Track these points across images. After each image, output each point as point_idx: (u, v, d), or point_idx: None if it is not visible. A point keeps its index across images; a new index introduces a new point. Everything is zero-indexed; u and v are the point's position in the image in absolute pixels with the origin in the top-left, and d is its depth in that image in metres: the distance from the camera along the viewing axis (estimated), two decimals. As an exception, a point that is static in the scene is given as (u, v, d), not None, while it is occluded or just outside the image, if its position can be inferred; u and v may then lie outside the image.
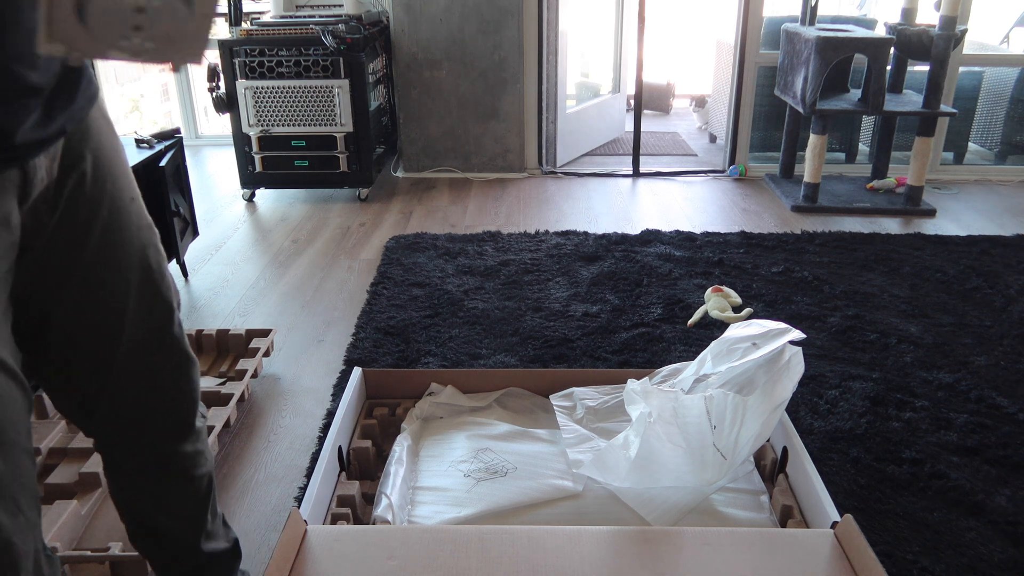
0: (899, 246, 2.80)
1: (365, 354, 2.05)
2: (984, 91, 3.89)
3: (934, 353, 2.05)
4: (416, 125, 3.67)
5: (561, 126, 3.83)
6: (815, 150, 3.19)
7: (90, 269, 0.84)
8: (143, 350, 0.91)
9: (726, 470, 1.30)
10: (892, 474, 1.57)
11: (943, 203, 3.36)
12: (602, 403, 1.58)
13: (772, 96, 3.68)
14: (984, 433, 1.70)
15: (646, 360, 2.01)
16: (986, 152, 4.05)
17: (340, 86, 3.14)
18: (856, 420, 1.74)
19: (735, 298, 2.32)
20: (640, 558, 1.06)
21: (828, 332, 2.17)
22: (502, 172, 3.75)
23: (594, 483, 1.36)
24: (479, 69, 3.55)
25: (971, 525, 1.44)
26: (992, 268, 2.60)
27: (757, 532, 1.12)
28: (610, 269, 2.58)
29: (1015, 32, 5.16)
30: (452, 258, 2.68)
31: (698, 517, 1.30)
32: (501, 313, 2.28)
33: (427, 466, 1.43)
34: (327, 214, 3.24)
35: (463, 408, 1.62)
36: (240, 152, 3.28)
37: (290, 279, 2.60)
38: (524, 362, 2.01)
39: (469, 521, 1.27)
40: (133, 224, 0.89)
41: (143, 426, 0.96)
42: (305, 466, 1.65)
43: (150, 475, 1.00)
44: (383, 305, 2.33)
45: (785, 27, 3.41)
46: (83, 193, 0.82)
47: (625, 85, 4.55)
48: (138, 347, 0.91)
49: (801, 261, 2.66)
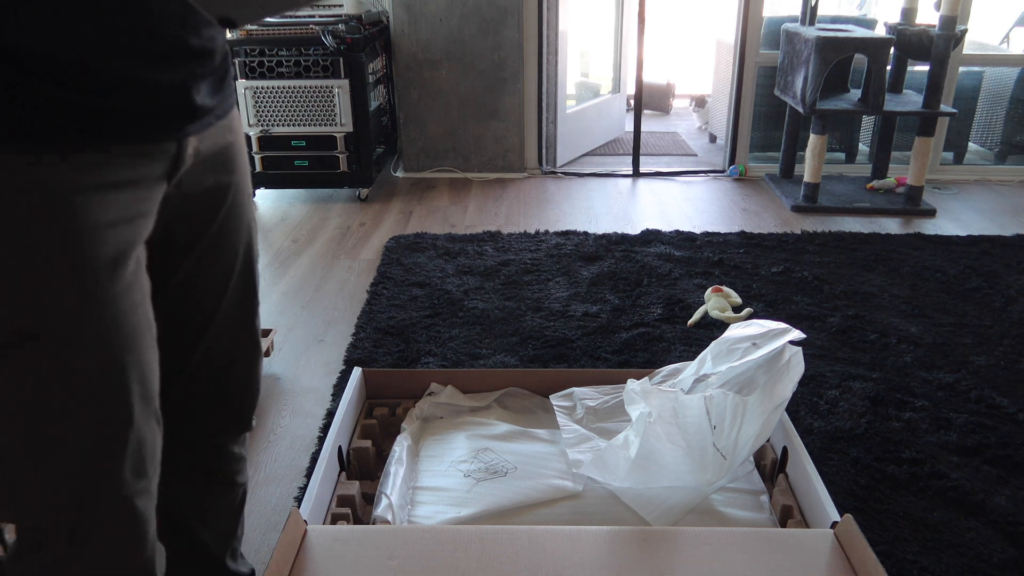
0: (899, 246, 2.80)
1: (365, 354, 2.05)
2: (984, 91, 3.89)
3: (934, 353, 2.05)
4: (416, 125, 3.66)
5: (561, 126, 3.83)
6: (815, 150, 3.19)
7: (208, 250, 0.87)
8: (229, 334, 0.93)
9: (726, 470, 1.30)
10: (892, 474, 1.57)
11: (943, 203, 3.36)
12: (602, 403, 1.58)
13: (772, 96, 3.68)
14: (984, 433, 1.70)
15: (646, 360, 2.01)
16: (986, 152, 4.06)
17: (340, 86, 3.14)
18: (856, 420, 1.74)
19: (735, 298, 2.32)
20: (640, 558, 1.06)
21: (828, 332, 2.17)
22: (502, 172, 3.75)
23: (594, 483, 1.36)
24: (479, 69, 3.55)
25: (971, 525, 1.44)
26: (992, 268, 2.60)
27: (757, 532, 1.12)
28: (610, 269, 2.58)
29: (1015, 32, 5.16)
30: (452, 258, 2.68)
31: (698, 517, 1.30)
32: (501, 313, 2.28)
33: (427, 466, 1.43)
34: (327, 214, 3.24)
35: (463, 408, 1.62)
36: (240, 152, 3.28)
37: (290, 279, 2.60)
38: (524, 362, 2.01)
39: (469, 521, 1.27)
40: (247, 215, 0.93)
41: (208, 414, 0.97)
42: (305, 466, 1.65)
43: (200, 474, 1.01)
44: (383, 305, 2.33)
45: (785, 27, 3.41)
46: (221, 177, 0.86)
47: (625, 85, 4.55)
48: (225, 330, 0.93)
49: (801, 261, 2.66)
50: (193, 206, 0.84)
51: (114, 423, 0.72)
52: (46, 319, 0.67)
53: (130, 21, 0.68)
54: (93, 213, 0.68)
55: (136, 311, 0.73)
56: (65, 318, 0.68)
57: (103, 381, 0.71)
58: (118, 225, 0.71)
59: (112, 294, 0.70)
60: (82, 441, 0.70)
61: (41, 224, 0.66)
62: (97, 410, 0.70)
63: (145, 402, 0.74)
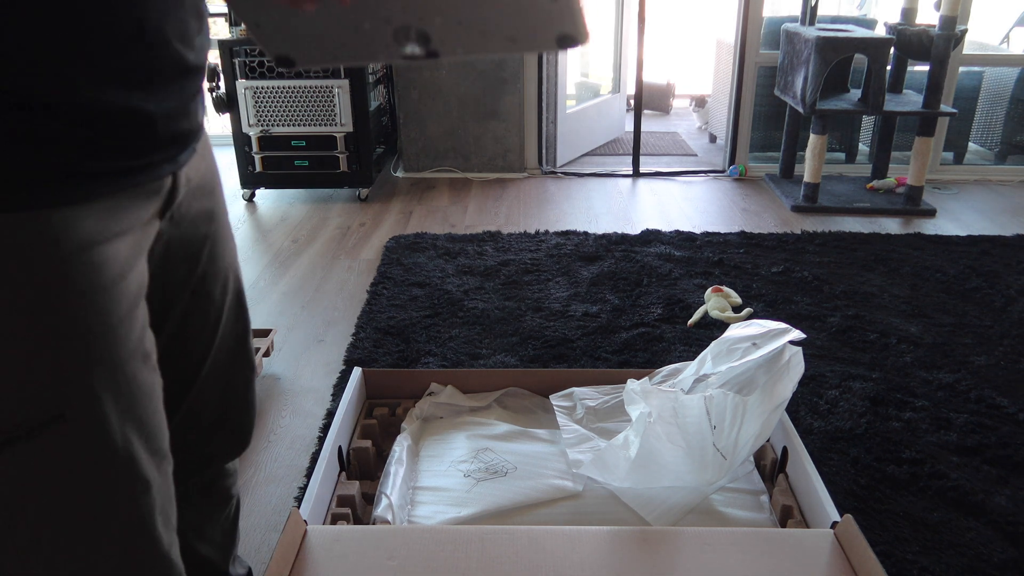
0: (899, 246, 2.80)
1: (365, 354, 2.05)
2: (984, 91, 3.89)
3: (934, 353, 2.05)
4: (416, 125, 3.66)
5: (561, 126, 3.83)
6: (815, 150, 3.19)
7: (200, 282, 0.82)
8: (226, 360, 0.90)
9: (726, 470, 1.30)
10: (892, 474, 1.57)
11: (943, 203, 3.36)
12: (602, 403, 1.58)
13: (772, 96, 3.68)
14: (984, 433, 1.70)
15: (646, 360, 2.01)
16: (986, 152, 4.06)
17: (340, 86, 3.14)
18: (856, 420, 1.74)
19: (735, 298, 2.32)
20: (640, 558, 1.06)
21: (828, 332, 2.17)
22: (502, 172, 3.75)
23: (594, 483, 1.36)
24: (479, 69, 3.55)
25: (971, 525, 1.44)
26: (992, 268, 2.60)
27: (757, 532, 1.12)
28: (610, 269, 2.58)
29: (1015, 32, 5.16)
30: (452, 258, 2.68)
31: (698, 517, 1.30)
32: (501, 313, 2.27)
33: (427, 466, 1.43)
34: (327, 214, 3.24)
35: (463, 408, 1.62)
36: (240, 152, 3.28)
37: (290, 279, 2.60)
38: (524, 362, 2.01)
39: (469, 521, 1.27)
40: (229, 236, 0.88)
41: (208, 441, 0.93)
42: (305, 466, 1.65)
43: (197, 494, 0.98)
44: (383, 305, 2.33)
45: (785, 27, 3.41)
46: (206, 203, 0.80)
47: (625, 85, 4.55)
48: (224, 357, 0.89)
49: (801, 261, 2.66)
50: (183, 239, 0.78)
51: (142, 483, 0.68)
52: (70, 395, 0.61)
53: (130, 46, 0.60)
54: (106, 269, 0.62)
55: (147, 363, 0.69)
56: (90, 390, 0.62)
57: (129, 446, 0.66)
58: (128, 275, 0.65)
59: (128, 352, 0.65)
60: (118, 512, 0.66)
61: (54, 292, 0.59)
62: (128, 477, 0.66)
63: (162, 454, 0.71)
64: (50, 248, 0.58)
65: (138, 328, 0.67)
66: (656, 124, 5.01)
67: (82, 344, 0.61)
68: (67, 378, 0.61)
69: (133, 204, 0.65)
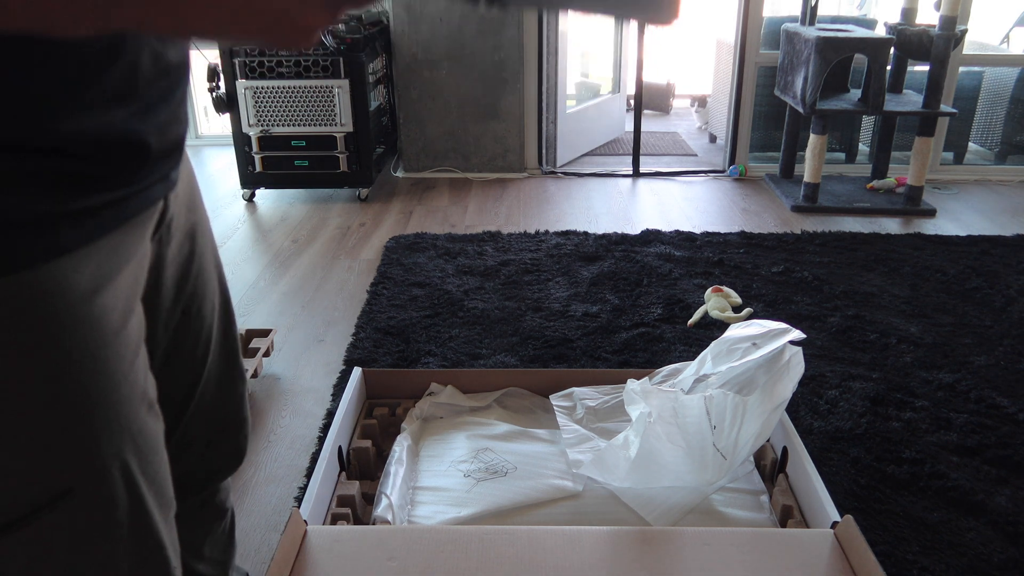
0: (899, 246, 2.80)
1: (365, 354, 2.05)
2: (984, 91, 3.89)
3: (934, 353, 2.05)
4: (416, 125, 3.67)
5: (561, 126, 3.83)
6: (815, 150, 3.19)
7: (190, 300, 0.77)
8: (218, 378, 0.86)
9: (726, 470, 1.30)
10: (892, 474, 1.57)
11: (943, 203, 3.36)
12: (602, 403, 1.58)
13: (772, 96, 3.68)
14: (984, 433, 1.70)
15: (646, 360, 2.01)
16: (986, 152, 4.05)
17: (340, 86, 3.14)
18: (856, 420, 1.74)
19: (735, 298, 2.32)
20: (640, 558, 1.06)
21: (828, 332, 2.17)
22: (502, 172, 3.75)
23: (594, 483, 1.36)
24: (479, 69, 3.55)
25: (971, 525, 1.44)
26: (992, 268, 2.60)
27: (757, 532, 1.12)
28: (610, 269, 2.58)
29: (1015, 32, 5.16)
30: (452, 258, 2.68)
31: (698, 517, 1.30)
32: (501, 313, 2.27)
33: (427, 466, 1.43)
34: (327, 214, 3.24)
35: (463, 408, 1.62)
36: (240, 152, 3.28)
37: (290, 279, 2.60)
38: (524, 362, 2.01)
39: (469, 521, 1.27)
40: (214, 247, 0.83)
41: (205, 460, 0.90)
42: (305, 466, 1.65)
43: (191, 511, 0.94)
44: (383, 305, 2.33)
45: (785, 27, 3.41)
46: (191, 216, 0.76)
47: (625, 85, 4.55)
48: (216, 375, 0.86)
49: (801, 261, 2.66)
50: (173, 259, 0.72)
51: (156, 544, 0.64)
52: (77, 466, 0.55)
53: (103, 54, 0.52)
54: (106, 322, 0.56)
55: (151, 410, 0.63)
56: (98, 459, 0.56)
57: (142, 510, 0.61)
58: (129, 321, 0.59)
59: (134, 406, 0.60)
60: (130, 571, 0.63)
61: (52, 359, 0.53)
62: (142, 545, 0.63)
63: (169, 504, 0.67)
64: (43, 310, 0.51)
65: (141, 377, 0.62)
66: (656, 124, 5.01)
67: (86, 410, 0.55)
68: (73, 449, 0.55)
69: (128, 238, 0.59)
